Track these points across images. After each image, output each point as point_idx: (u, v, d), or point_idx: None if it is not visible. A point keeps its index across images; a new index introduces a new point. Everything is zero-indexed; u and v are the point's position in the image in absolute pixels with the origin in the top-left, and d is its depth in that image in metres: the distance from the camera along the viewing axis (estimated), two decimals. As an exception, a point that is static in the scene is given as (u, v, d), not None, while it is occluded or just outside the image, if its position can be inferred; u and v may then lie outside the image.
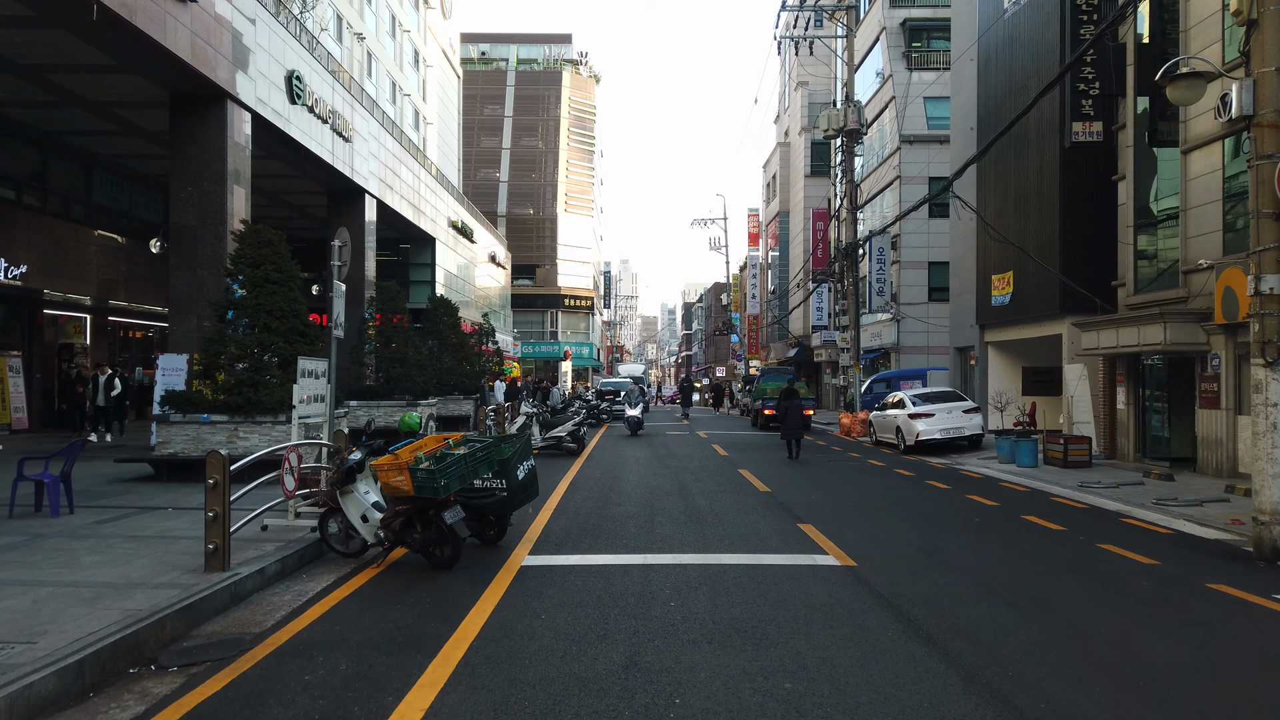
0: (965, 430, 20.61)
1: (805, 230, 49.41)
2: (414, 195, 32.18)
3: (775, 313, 57.26)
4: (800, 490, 13.49)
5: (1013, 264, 22.61)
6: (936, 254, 33.16)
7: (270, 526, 8.99)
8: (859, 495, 13.07)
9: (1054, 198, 20.50)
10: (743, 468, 16.70)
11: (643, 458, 18.73)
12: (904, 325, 33.49)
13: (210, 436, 12.83)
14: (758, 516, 10.82)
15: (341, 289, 10.53)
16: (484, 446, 8.17)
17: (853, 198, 27.77)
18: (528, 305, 67.81)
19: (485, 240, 48.39)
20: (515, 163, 70.65)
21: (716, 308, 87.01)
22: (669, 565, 8.02)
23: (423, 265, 36.35)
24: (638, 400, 26.43)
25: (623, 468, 16.63)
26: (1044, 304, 21.05)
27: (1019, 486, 14.58)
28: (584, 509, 11.41)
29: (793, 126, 54.39)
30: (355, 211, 26.71)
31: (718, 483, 14.31)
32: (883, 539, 9.45)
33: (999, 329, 24.22)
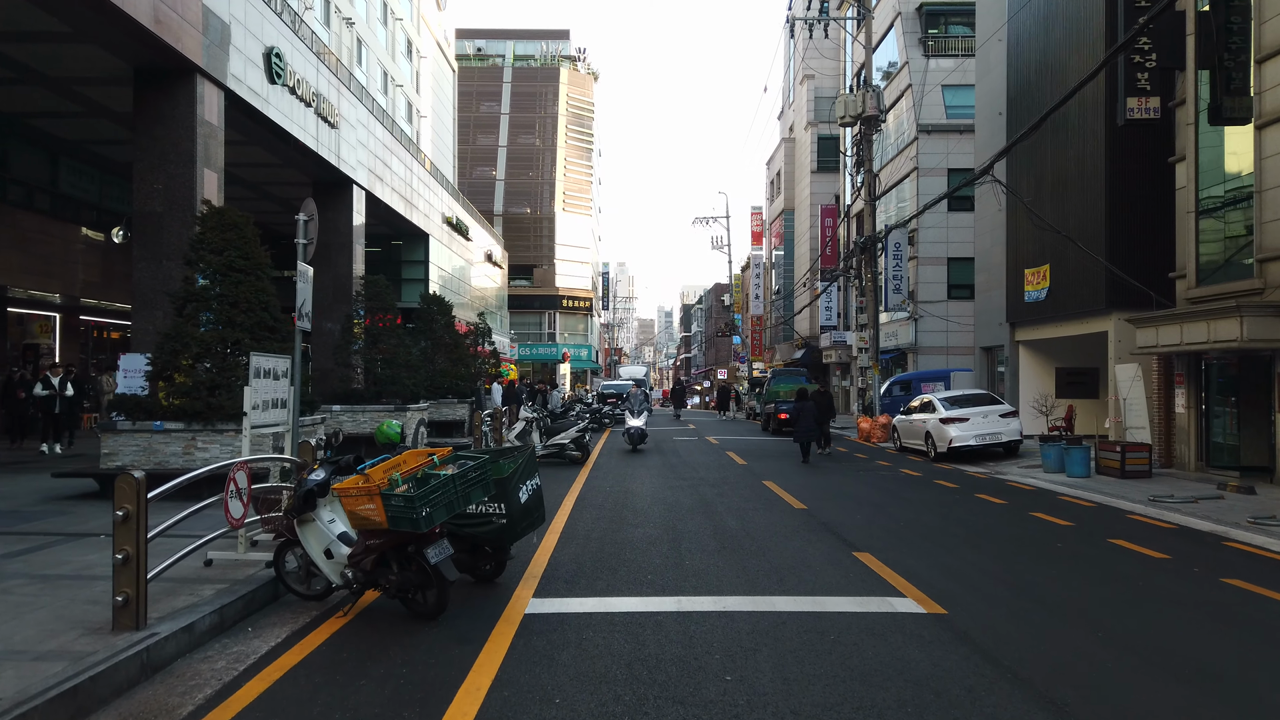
0: (1003, 436, 18.98)
1: (811, 228, 47.84)
2: (406, 189, 30.54)
3: (780, 313, 55.66)
4: (840, 507, 11.84)
5: (1049, 256, 21.00)
6: (956, 249, 31.56)
7: (217, 560, 7.34)
8: (908, 512, 11.42)
9: (1098, 184, 18.89)
10: (767, 479, 15.05)
11: (655, 468, 17.08)
12: (922, 324, 31.87)
13: (163, 447, 11.16)
14: (802, 542, 9.17)
15: (308, 272, 8.88)
16: (477, 464, 6.51)
17: (871, 188, 26.17)
18: (525, 306, 66.12)
19: (481, 239, 46.77)
20: (512, 161, 69.01)
21: (717, 309, 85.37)
22: (711, 614, 6.37)
23: (416, 263, 34.69)
24: (641, 407, 21.90)
25: (634, 480, 14.98)
26: (1087, 299, 19.43)
27: (1082, 501, 12.95)
28: (596, 531, 9.75)
29: (798, 121, 52.83)
30: (342, 204, 25.06)
31: (744, 497, 12.66)
32: (960, 572, 7.80)
33: (1032, 327, 22.60)
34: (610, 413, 31.32)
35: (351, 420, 17.55)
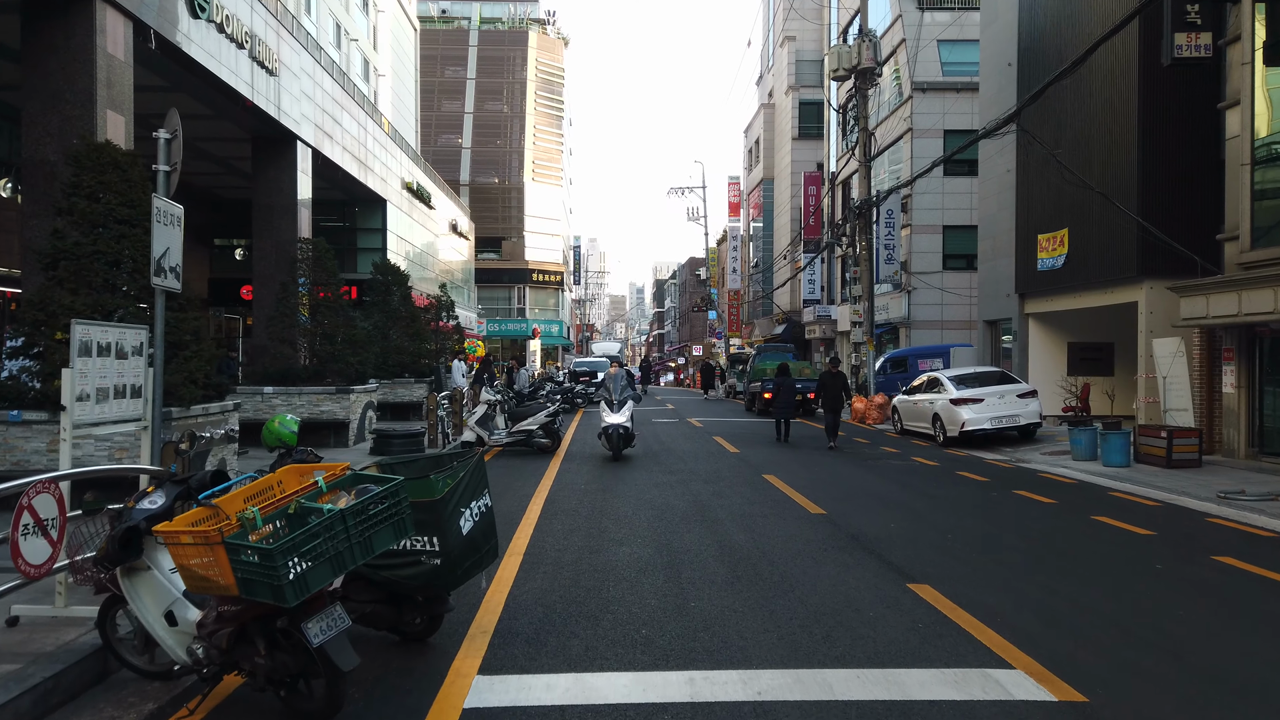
0: (1021, 419, 17.06)
1: (793, 198, 45.75)
2: (360, 149, 27.99)
3: (758, 287, 53.66)
4: (864, 510, 9.80)
5: (1068, 219, 19.05)
6: (953, 217, 29.62)
7: (24, 619, 5.13)
8: (948, 517, 9.40)
9: (1130, 136, 16.92)
10: (767, 471, 12.99)
11: (636, 457, 14.97)
12: (915, 297, 29.95)
13: (23, 443, 8.86)
14: (837, 567, 7.10)
15: (173, 212, 6.60)
16: (386, 490, 4.31)
17: (866, 147, 24.07)
18: (494, 280, 63.52)
19: (446, 208, 44.21)
20: (479, 128, 66.09)
21: (692, 283, 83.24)
22: (743, 706, 4.27)
23: (372, 231, 32.17)
24: (624, 394, 14.97)
25: (613, 474, 12.87)
26: (1114, 265, 17.51)
27: (1141, 498, 11.01)
28: (570, 551, 7.62)
29: (778, 86, 50.57)
30: (285, 162, 22.52)
31: (746, 498, 10.58)
32: (1064, 618, 5.77)
33: (1046, 298, 20.68)
34: (583, 392, 29.18)
35: (287, 404, 15.26)
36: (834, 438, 16.87)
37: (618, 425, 14.48)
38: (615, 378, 15.21)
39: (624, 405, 14.70)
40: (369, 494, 4.18)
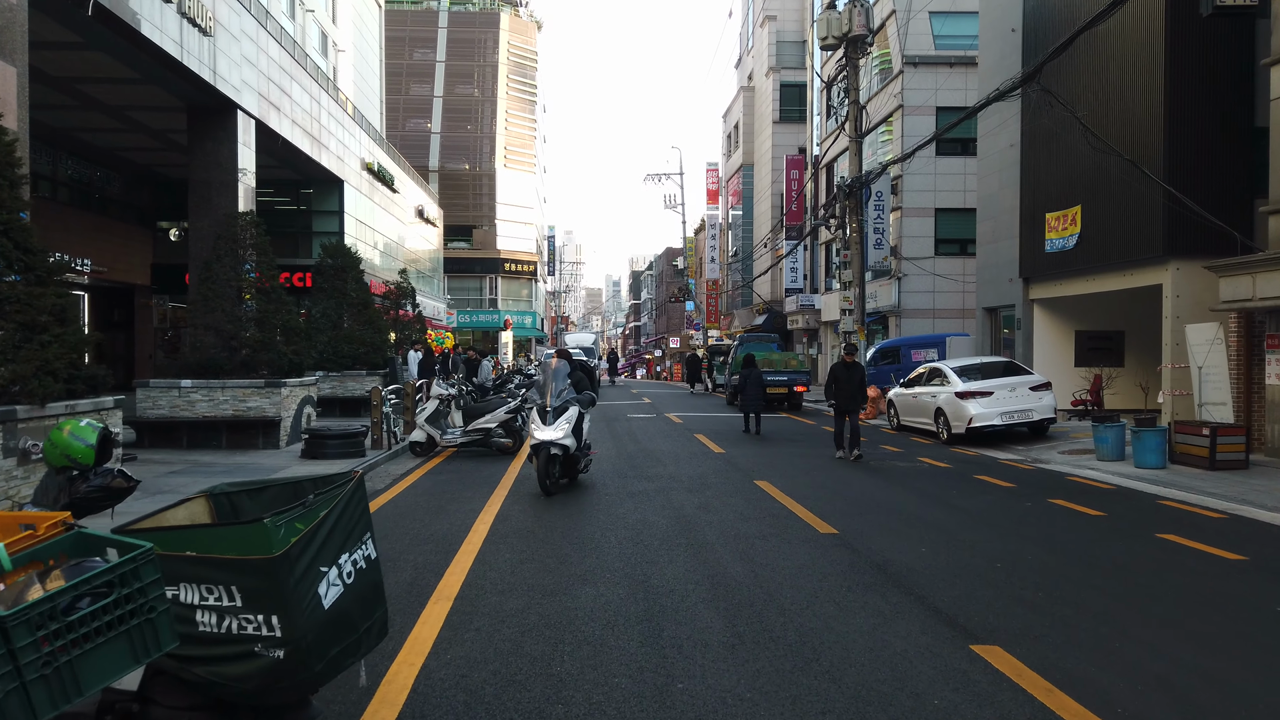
0: (1034, 414, 15.44)
1: (774, 183, 44.05)
2: (313, 124, 25.89)
3: (737, 277, 51.96)
4: (882, 528, 8.05)
5: (1081, 196, 17.44)
6: (945, 199, 28.01)
7: None
8: (989, 539, 7.68)
9: (1155, 102, 15.32)
10: (759, 477, 11.23)
11: (607, 459, 13.17)
12: (906, 284, 28.33)
13: None
14: (869, 616, 5.34)
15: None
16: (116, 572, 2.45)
17: (858, 122, 22.35)
18: (464, 270, 61.43)
19: (412, 193, 42.17)
20: (449, 113, 63.86)
21: (669, 273, 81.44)
22: None
23: (329, 213, 30.08)
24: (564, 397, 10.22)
25: (580, 483, 11.07)
26: (1136, 244, 15.92)
27: (1201, 509, 9.37)
28: (515, 595, 5.82)
29: (758, 68, 48.82)
30: (224, 133, 20.41)
31: (738, 511, 8.81)
32: (1209, 705, 4.05)
33: (1054, 282, 19.08)
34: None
35: (208, 399, 13.32)
36: (855, 447, 13.22)
37: (549, 444, 9.61)
38: (555, 372, 10.30)
39: (564, 412, 9.90)
40: (93, 570, 2.35)
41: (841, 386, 13.68)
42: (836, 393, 13.72)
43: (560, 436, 9.73)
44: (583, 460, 10.49)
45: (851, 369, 13.81)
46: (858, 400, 13.61)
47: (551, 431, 9.71)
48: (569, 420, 9.87)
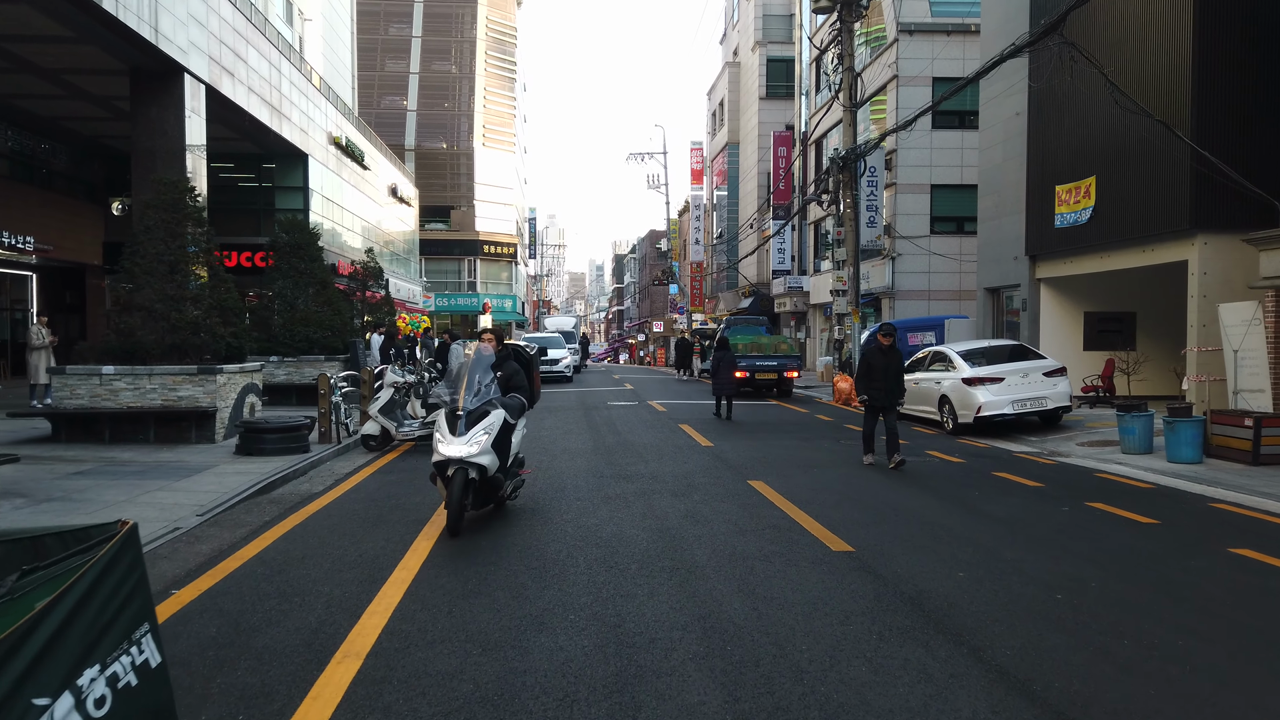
0: (1048, 402, 14.20)
1: (760, 162, 42.64)
2: (272, 93, 24.25)
3: (723, 259, 50.59)
4: (906, 542, 6.74)
5: (1096, 166, 16.17)
6: (942, 174, 26.72)
7: None
8: (1036, 556, 6.37)
9: (1182, 56, 14.04)
10: (754, 476, 9.89)
11: (582, 454, 11.82)
12: (900, 264, 27.05)
13: None
14: (916, 680, 4.00)
15: None
16: None
17: (852, 90, 20.98)
18: (442, 252, 59.69)
19: (385, 171, 40.52)
20: (426, 90, 61.93)
21: (653, 256, 79.94)
22: None
23: (292, 189, 28.45)
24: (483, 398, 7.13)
25: (550, 482, 9.71)
26: (1158, 217, 14.68)
27: (1261, 514, 8.11)
28: (445, 650, 4.45)
29: (744, 43, 47.31)
30: (170, 99, 18.86)
31: (732, 521, 7.47)
32: None
33: (1064, 260, 17.82)
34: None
35: (133, 388, 11.85)
36: (895, 451, 10.65)
37: (461, 462, 6.76)
38: (474, 363, 7.20)
39: (482, 419, 6.95)
40: None
41: (877, 377, 10.91)
42: (870, 384, 10.97)
43: (475, 453, 6.72)
44: (509, 484, 7.53)
45: (889, 355, 11.00)
46: (896, 394, 11.02)
47: (463, 445, 6.71)
48: (488, 429, 6.88)
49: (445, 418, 6.97)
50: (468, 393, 6.99)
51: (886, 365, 10.95)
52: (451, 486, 6.71)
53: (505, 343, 8.17)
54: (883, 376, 10.88)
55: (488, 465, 6.86)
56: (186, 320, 12.15)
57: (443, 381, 7.23)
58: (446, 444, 6.78)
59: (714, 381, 17.22)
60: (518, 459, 7.87)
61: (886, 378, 10.88)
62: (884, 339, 11.06)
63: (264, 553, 6.39)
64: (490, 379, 7.23)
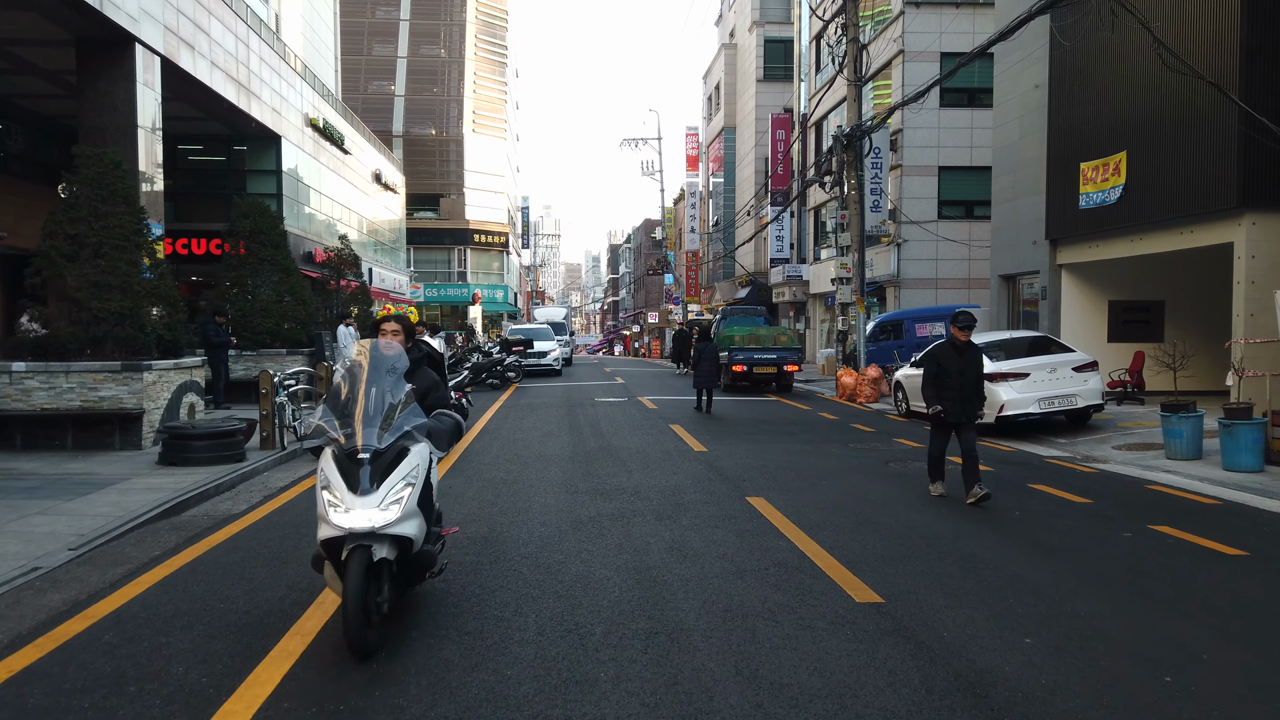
0: (1078, 399, 12.83)
1: (757, 146, 41.17)
2: (239, 69, 22.70)
3: (719, 247, 49.14)
4: (939, 585, 5.35)
5: (1128, 140, 14.77)
6: (950, 156, 25.29)
7: None
8: (1113, 606, 4.99)
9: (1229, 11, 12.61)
10: (751, 489, 8.50)
11: (559, 461, 10.43)
12: (906, 251, 25.64)
13: None
14: None
15: None
16: None
17: (857, 64, 19.54)
18: (432, 241, 58.15)
19: (369, 156, 39.01)
20: (414, 75, 60.28)
21: (648, 245, 78.43)
22: None
23: (263, 173, 26.92)
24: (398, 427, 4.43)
25: (515, 494, 8.33)
26: (1199, 194, 13.29)
27: (1370, 541, 6.74)
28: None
29: (740, 23, 45.78)
30: (120, 71, 17.35)
31: (726, 556, 6.08)
32: None
33: (1089, 244, 16.42)
34: (516, 364, 24.59)
35: (47, 387, 10.42)
36: (975, 481, 7.96)
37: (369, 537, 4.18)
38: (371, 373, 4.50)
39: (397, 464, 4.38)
40: None
41: (951, 383, 8.19)
42: (941, 392, 8.22)
43: (395, 519, 4.21)
44: (435, 555, 4.79)
45: (966, 353, 8.26)
46: (976, 404, 8.29)
47: (374, 510, 4.19)
48: (411, 479, 4.38)
49: (334, 464, 4.31)
50: (369, 420, 4.32)
51: (963, 367, 8.21)
52: (348, 577, 4.06)
53: (417, 337, 5.51)
54: (958, 381, 8.17)
55: (414, 536, 4.34)
56: (111, 310, 10.72)
57: (323, 403, 4.52)
58: (343, 509, 4.16)
59: (695, 374, 16.65)
60: (436, 511, 5.05)
61: (964, 383, 8.19)
62: (960, 332, 8.28)
63: (126, 607, 4.99)
64: (402, 393, 4.52)
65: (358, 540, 4.14)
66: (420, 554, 4.47)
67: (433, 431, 4.72)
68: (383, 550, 4.22)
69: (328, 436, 4.35)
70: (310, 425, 4.42)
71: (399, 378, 4.57)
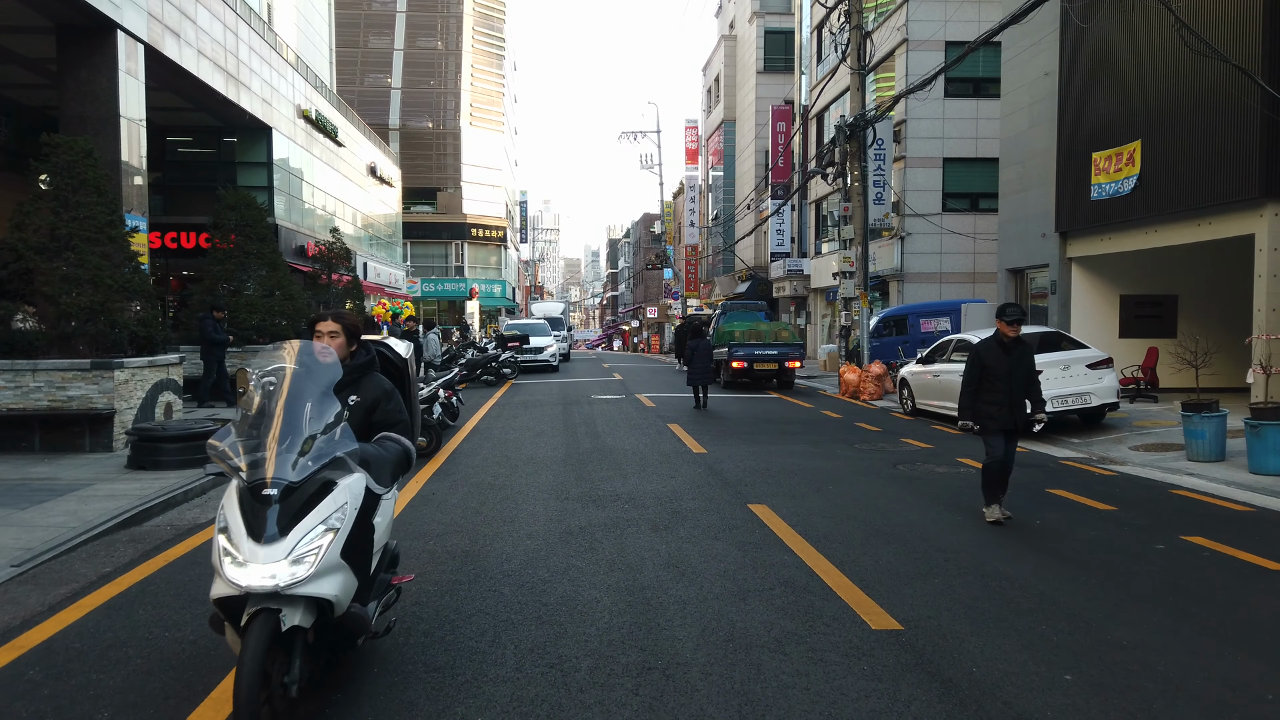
0: (1092, 397, 12.34)
1: (758, 138, 40.62)
2: (228, 58, 22.16)
3: (718, 241, 48.60)
4: (964, 609, 4.85)
5: (1142, 128, 14.26)
6: (955, 147, 24.76)
7: None
8: (1160, 635, 4.49)
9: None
10: (754, 495, 8.00)
11: (548, 463, 9.92)
12: (910, 244, 25.12)
13: None
14: None
15: None
16: None
17: (861, 51, 18.99)
18: (429, 236, 57.58)
19: (363, 149, 38.46)
20: (410, 67, 59.67)
21: (646, 240, 77.87)
22: None
23: (254, 165, 26.40)
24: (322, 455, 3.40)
25: (498, 507, 7.82)
26: (1219, 184, 12.78)
27: None
28: None
29: (740, 14, 45.20)
30: (101, 59, 16.84)
31: (730, 576, 5.57)
32: None
33: (1101, 236, 15.91)
34: (511, 360, 24.08)
35: (13, 386, 9.91)
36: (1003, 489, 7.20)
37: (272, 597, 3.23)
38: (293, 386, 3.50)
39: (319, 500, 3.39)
40: None
41: (998, 386, 6.97)
42: (989, 397, 7.00)
43: (300, 578, 3.21)
44: (374, 615, 3.84)
45: (1015, 351, 7.02)
46: (1025, 408, 7.13)
47: (272, 566, 3.20)
48: (330, 521, 3.37)
49: (236, 502, 3.36)
50: (285, 445, 3.34)
51: (1013, 367, 6.97)
52: (244, 652, 3.11)
53: (366, 339, 4.24)
54: (1006, 384, 6.94)
55: (335, 597, 3.33)
56: (81, 305, 10.20)
57: (229, 423, 3.59)
58: (239, 560, 3.21)
59: (689, 370, 16.50)
60: (389, 554, 4.17)
61: (1012, 386, 6.95)
62: (1009, 328, 6.94)
63: (61, 636, 4.48)
64: (332, 411, 3.50)
65: (261, 603, 3.18)
66: (348, 617, 3.44)
67: (371, 459, 3.68)
68: (295, 616, 3.21)
69: (229, 464, 3.34)
70: (211, 447, 3.41)
71: (327, 390, 3.53)
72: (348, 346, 4.03)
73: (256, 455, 3.31)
